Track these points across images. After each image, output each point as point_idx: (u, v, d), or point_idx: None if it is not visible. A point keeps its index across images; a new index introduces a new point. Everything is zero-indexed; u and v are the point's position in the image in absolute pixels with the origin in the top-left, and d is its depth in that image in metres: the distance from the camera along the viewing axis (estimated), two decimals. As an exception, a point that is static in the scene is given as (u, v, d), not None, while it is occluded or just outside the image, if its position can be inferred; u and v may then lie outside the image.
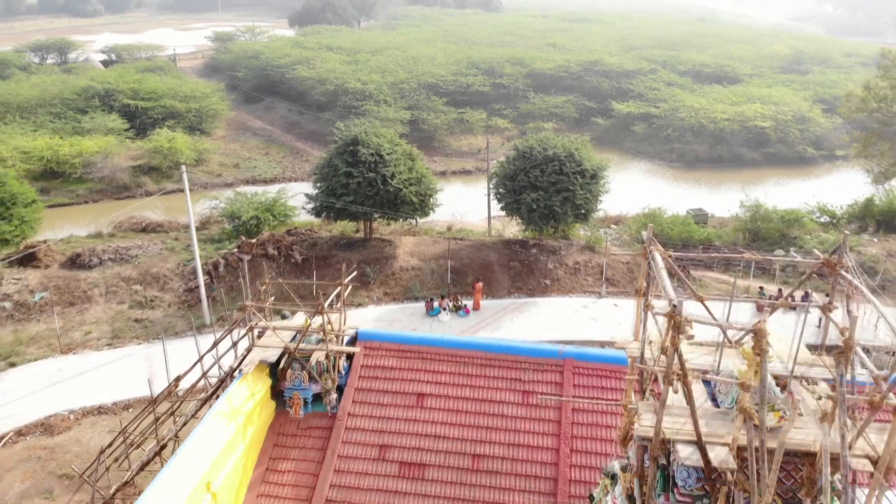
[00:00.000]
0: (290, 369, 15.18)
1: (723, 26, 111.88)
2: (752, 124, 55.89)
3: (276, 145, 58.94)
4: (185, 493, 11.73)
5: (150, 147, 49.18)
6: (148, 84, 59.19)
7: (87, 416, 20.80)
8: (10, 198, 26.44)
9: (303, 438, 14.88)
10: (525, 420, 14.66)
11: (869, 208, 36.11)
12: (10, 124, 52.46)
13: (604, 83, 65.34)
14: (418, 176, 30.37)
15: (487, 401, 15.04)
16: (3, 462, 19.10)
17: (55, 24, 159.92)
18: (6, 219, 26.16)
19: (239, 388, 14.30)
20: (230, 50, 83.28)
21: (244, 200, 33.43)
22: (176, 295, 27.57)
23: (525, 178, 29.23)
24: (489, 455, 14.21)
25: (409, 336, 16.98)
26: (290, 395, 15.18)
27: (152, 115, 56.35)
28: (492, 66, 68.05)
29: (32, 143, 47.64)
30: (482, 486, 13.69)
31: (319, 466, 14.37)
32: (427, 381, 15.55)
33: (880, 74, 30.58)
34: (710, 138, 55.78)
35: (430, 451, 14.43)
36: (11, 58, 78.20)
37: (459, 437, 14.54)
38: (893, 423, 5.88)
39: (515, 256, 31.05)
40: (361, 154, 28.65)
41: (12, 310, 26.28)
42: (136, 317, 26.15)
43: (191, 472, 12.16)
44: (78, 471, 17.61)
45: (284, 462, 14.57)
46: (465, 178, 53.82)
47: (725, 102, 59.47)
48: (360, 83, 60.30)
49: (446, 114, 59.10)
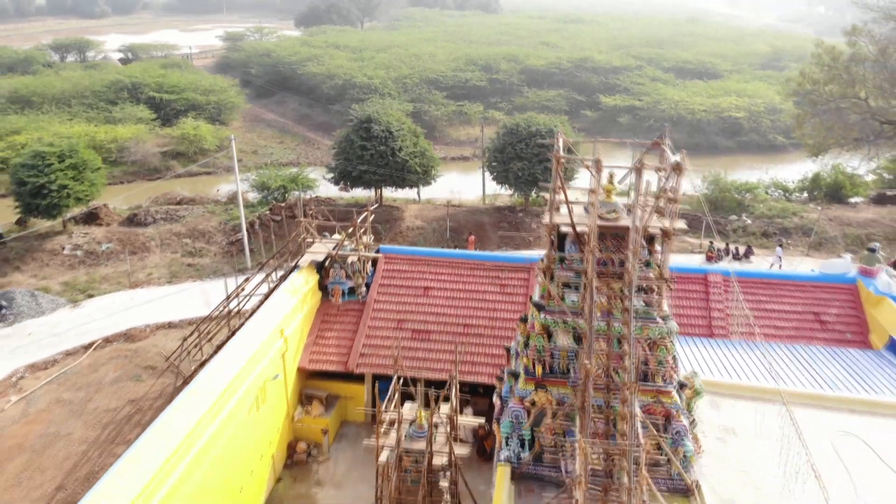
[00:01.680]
0: (332, 269, 20.97)
1: (710, 26, 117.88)
2: (727, 115, 61.71)
3: (289, 135, 64.75)
4: (266, 334, 17.45)
5: (178, 134, 54.89)
6: (171, 78, 65.04)
7: (160, 329, 26.48)
8: (82, 163, 32.16)
9: (341, 317, 20.67)
10: (501, 303, 20.46)
11: (816, 182, 41.88)
12: (47, 113, 58.20)
13: (592, 79, 71.25)
14: (421, 150, 36.18)
15: (475, 291, 20.85)
16: (98, 359, 24.77)
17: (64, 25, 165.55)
18: (79, 181, 31.88)
19: (298, 276, 20.14)
20: (242, 49, 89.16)
21: (272, 173, 39.21)
22: (220, 247, 33.35)
23: (512, 151, 35.07)
24: (475, 325, 20.00)
25: (417, 249, 22.87)
26: (332, 287, 20.97)
27: (175, 106, 62.10)
28: (488, 62, 73.97)
29: (70, 130, 53.25)
30: (470, 344, 19.42)
31: (354, 334, 20.14)
32: (431, 278, 21.39)
33: (814, 62, 36.30)
34: (688, 128, 61.55)
35: (433, 323, 20.22)
36: (36, 55, 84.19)
37: (454, 314, 20.34)
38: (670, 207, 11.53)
39: (504, 219, 36.82)
40: (374, 130, 34.48)
41: (83, 257, 32.02)
42: (189, 262, 31.90)
43: (268, 322, 17.88)
44: (164, 356, 23.34)
45: (329, 332, 20.35)
46: (462, 165, 59.49)
47: (703, 95, 65.33)
48: (366, 78, 66.18)
49: (446, 106, 64.92)
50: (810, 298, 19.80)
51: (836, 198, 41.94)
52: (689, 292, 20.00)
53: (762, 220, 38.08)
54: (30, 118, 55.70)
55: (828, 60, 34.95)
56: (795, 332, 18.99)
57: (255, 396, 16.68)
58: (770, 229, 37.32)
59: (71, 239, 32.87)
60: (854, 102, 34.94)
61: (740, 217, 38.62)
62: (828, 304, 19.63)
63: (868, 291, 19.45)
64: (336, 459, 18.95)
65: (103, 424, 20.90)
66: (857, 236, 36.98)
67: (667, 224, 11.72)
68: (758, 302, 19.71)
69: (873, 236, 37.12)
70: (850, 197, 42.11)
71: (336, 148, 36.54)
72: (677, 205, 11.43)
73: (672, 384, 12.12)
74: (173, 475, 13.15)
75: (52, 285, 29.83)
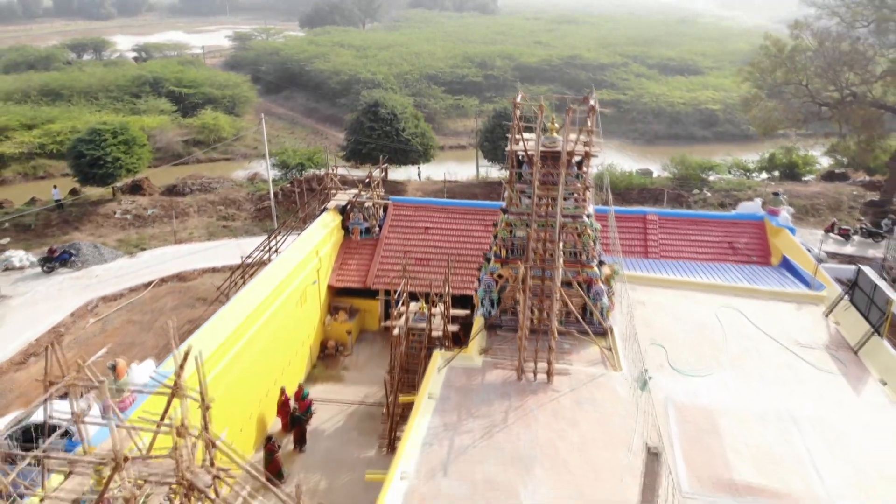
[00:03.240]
0: (352, 213, 26.87)
1: (698, 27, 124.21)
2: (704, 107, 67.77)
3: (298, 126, 70.78)
4: (306, 252, 23.35)
5: (199, 124, 60.88)
6: (188, 74, 71.12)
7: (206, 272, 32.34)
8: (132, 139, 38.12)
9: (360, 249, 26.58)
10: (483, 238, 26.30)
11: (773, 161, 47.85)
12: (76, 105, 64.21)
13: (581, 75, 77.36)
14: (422, 131, 42.15)
15: (464, 229, 26.75)
16: (157, 293, 30.63)
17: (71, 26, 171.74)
18: (129, 154, 37.81)
19: (326, 216, 26.08)
20: (251, 48, 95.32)
21: (290, 152, 45.15)
22: (249, 213, 39.28)
23: (500, 131, 41.03)
24: (463, 254, 25.85)
25: (419, 199, 28.79)
26: (353, 227, 26.89)
27: (193, 100, 68.09)
28: (484, 60, 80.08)
29: (100, 119, 59.26)
30: (461, 267, 25.24)
31: (370, 261, 26.05)
32: (430, 221, 27.30)
33: (762, 53, 42.19)
34: (667, 119, 67.67)
35: (432, 253, 26.08)
36: (56, 53, 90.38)
37: (448, 246, 26.21)
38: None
39: (495, 191, 42.72)
40: (381, 112, 40.47)
41: (132, 220, 37.94)
42: (223, 225, 37.80)
43: (307, 244, 23.79)
44: (215, 288, 29.21)
45: (350, 260, 26.27)
46: (459, 154, 65.45)
47: (683, 90, 71.40)
48: (370, 74, 72.27)
49: (444, 100, 70.96)
50: (727, 231, 25.72)
51: (791, 176, 47.92)
52: (632, 227, 25.92)
53: (720, 193, 44.00)
54: (62, 109, 61.67)
55: (774, 51, 40.91)
56: (713, 256, 24.89)
57: (299, 296, 22.58)
58: (727, 201, 43.22)
59: (120, 205, 38.80)
60: (796, 87, 40.90)
61: (702, 191, 44.54)
62: (740, 236, 25.54)
63: (772, 225, 25.36)
64: (357, 354, 24.84)
65: (169, 336, 26.77)
66: (803, 206, 42.89)
67: (588, 149, 17.63)
68: (686, 234, 25.62)
69: (818, 206, 43.11)
70: (803, 175, 48.10)
71: (347, 129, 42.45)
72: (593, 135, 17.33)
73: (593, 261, 17.98)
74: (240, 342, 18.87)
75: (108, 241, 35.73)
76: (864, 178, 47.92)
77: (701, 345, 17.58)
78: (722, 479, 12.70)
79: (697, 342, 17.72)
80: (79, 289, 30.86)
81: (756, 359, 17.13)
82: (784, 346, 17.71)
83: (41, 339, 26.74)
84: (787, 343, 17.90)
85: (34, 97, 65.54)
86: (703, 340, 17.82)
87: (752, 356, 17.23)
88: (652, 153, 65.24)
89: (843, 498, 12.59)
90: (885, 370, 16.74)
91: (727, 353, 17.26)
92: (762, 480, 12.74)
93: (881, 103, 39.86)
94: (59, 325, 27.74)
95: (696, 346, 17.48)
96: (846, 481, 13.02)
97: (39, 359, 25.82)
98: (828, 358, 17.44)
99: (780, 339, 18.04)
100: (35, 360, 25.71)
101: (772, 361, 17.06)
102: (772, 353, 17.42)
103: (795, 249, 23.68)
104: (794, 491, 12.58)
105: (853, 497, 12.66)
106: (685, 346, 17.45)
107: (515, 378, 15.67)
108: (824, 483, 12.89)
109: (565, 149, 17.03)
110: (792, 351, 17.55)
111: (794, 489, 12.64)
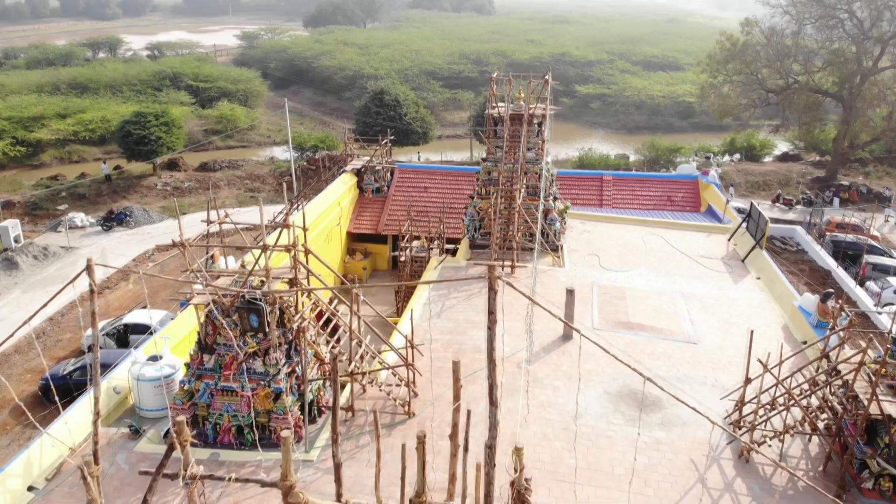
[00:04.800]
0: (365, 175, 33.55)
1: (686, 26, 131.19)
2: (681, 100, 74.52)
3: (307, 118, 77.47)
4: (330, 201, 30.06)
5: (217, 114, 67.58)
6: (204, 69, 77.88)
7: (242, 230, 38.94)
8: (171, 121, 44.84)
9: (371, 205, 33.28)
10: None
11: (733, 143, 54.63)
12: (103, 97, 70.90)
13: (570, 70, 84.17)
14: (422, 116, 48.85)
15: (457, 188, 33.38)
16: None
17: (78, 26, 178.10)
18: (168, 134, 44.52)
19: (345, 176, 32.82)
20: (259, 46, 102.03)
21: (305, 135, 51.81)
22: (272, 186, 45.97)
23: (490, 115, 47.69)
24: (457, 206, 32.45)
25: (420, 164, 35.49)
26: (365, 187, 33.57)
27: (210, 93, 74.81)
28: (479, 57, 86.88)
29: (127, 110, 65.92)
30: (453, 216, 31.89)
31: (380, 214, 32.77)
32: (429, 182, 33.99)
33: (718, 47, 48.89)
34: (648, 111, 74.42)
35: (430, 207, 32.68)
36: (76, 50, 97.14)
37: (443, 201, 32.84)
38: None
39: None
40: (386, 99, 47.17)
41: (171, 191, 44.63)
42: (251, 195, 44.48)
43: (332, 195, 30.51)
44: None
45: (364, 214, 32.97)
46: (455, 143, 72.18)
47: (663, 84, 78.18)
48: (373, 69, 79.03)
49: (442, 94, 77.70)
50: (668, 188, 32.40)
51: (750, 157, 54.73)
52: (591, 185, 32.59)
53: (684, 171, 50.69)
54: (91, 100, 68.34)
55: (728, 45, 47.65)
56: (655, 207, 31.55)
57: (327, 234, 29.22)
58: (689, 177, 49.90)
59: (160, 179, 45.51)
60: (747, 76, 47.66)
61: (668, 170, 51.24)
62: (678, 191, 32.22)
63: (703, 182, 32.04)
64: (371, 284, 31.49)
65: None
66: (757, 182, 49.65)
67: (545, 112, 24.32)
68: (634, 190, 32.30)
69: (769, 182, 49.86)
70: (760, 156, 54.88)
71: (356, 114, 49.15)
72: (548, 101, 24.03)
73: (549, 195, 24.62)
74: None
75: (153, 208, 42.38)
76: (814, 159, 54.70)
77: (626, 255, 24.26)
78: (622, 321, 19.35)
79: (624, 253, 24.40)
80: (135, 242, 37.53)
81: (666, 263, 23.79)
82: (690, 258, 24.37)
83: (110, 278, 33.39)
84: (693, 256, 24.57)
85: (64, 90, 72.21)
86: (628, 252, 24.50)
87: (663, 262, 23.89)
88: (633, 141, 71.84)
89: (705, 335, 19.22)
90: (760, 270, 23.41)
91: (645, 260, 23.93)
92: (650, 323, 19.39)
93: (820, 89, 46.62)
94: (125, 266, 34.39)
95: (623, 256, 24.16)
96: (709, 327, 19.66)
97: (112, 290, 32.51)
98: (721, 265, 24.11)
99: (688, 254, 24.70)
100: (109, 291, 32.36)
101: (678, 265, 23.73)
102: (679, 261, 24.09)
103: (718, 199, 30.38)
104: (671, 329, 19.23)
105: (712, 335, 19.28)
106: (614, 255, 24.13)
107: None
108: (694, 327, 19.54)
109: (527, 112, 23.73)
110: (695, 260, 24.21)
111: (671, 328, 19.28)
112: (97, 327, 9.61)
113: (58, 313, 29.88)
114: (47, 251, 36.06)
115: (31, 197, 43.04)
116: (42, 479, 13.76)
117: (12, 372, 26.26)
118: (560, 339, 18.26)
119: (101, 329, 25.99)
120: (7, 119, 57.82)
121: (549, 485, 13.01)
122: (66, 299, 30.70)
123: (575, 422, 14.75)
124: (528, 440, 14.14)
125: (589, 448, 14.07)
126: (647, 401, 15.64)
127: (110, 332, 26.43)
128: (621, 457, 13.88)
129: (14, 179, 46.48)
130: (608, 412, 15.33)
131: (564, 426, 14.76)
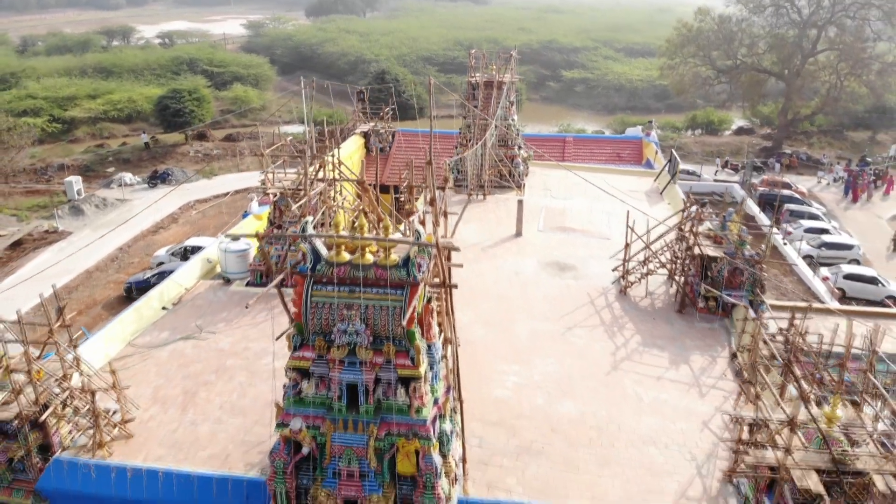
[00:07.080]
0: (371, 137, 41.77)
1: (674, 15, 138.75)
2: (658, 83, 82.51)
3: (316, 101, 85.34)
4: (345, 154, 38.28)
5: (231, 96, 75.59)
6: (218, 55, 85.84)
7: (264, 188, 47.07)
8: (202, 96, 52.89)
9: (378, 161, 41.39)
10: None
11: (695, 119, 62.79)
12: (126, 80, 78.89)
13: (556, 56, 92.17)
14: (418, 94, 56.85)
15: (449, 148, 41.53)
16: (236, 198, 45.29)
17: (83, 16, 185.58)
18: (199, 108, 52.53)
19: (355, 137, 40.98)
20: (265, 34, 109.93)
21: (315, 113, 59.82)
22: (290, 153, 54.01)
23: (478, 92, 55.75)
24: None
25: (418, 129, 43.66)
26: (372, 146, 41.74)
27: (223, 77, 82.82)
28: (473, 43, 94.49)
29: (151, 92, 73.95)
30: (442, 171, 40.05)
31: (384, 168, 40.96)
32: (425, 143, 42.08)
33: (676, 33, 56.93)
34: (627, 94, 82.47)
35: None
36: (93, 38, 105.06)
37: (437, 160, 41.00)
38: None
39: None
40: (387, 78, 55.16)
41: (202, 157, 52.73)
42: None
43: (348, 150, 38.70)
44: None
45: (370, 168, 41.10)
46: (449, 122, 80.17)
47: (642, 69, 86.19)
48: (373, 55, 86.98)
49: (437, 77, 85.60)
50: (617, 146, 40.52)
51: (710, 130, 62.91)
52: (555, 144, 40.70)
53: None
54: (117, 83, 76.36)
55: (684, 31, 55.74)
56: (607, 161, 39.64)
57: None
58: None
59: (192, 147, 53.60)
60: (701, 58, 55.77)
61: (634, 140, 59.35)
62: (624, 150, 40.32)
63: (645, 142, 40.14)
64: (375, 223, 39.64)
65: (250, 218, 41.46)
66: (712, 151, 57.81)
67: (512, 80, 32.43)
68: (590, 149, 40.43)
69: (722, 151, 58.03)
70: (719, 130, 63.06)
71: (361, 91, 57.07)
72: (514, 72, 32.13)
73: (516, 145, 32.70)
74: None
75: (188, 170, 50.48)
76: (766, 132, 62.89)
77: (571, 189, 32.39)
78: (560, 225, 27.51)
79: (568, 188, 32.54)
80: (177, 196, 45.64)
81: (601, 195, 31.90)
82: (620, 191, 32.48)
83: (163, 221, 41.59)
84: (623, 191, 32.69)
85: (90, 73, 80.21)
86: (573, 187, 32.64)
87: (599, 196, 31.99)
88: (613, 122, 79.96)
89: (620, 234, 27.34)
90: (672, 198, 31.56)
91: (584, 193, 32.08)
92: (579, 227, 27.54)
93: (763, 69, 54.75)
94: (172, 213, 42.57)
95: (568, 189, 32.32)
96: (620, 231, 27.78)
97: (166, 229, 40.70)
98: (644, 197, 32.25)
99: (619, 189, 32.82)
100: (163, 231, 40.56)
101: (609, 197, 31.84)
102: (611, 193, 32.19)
103: (654, 154, 38.53)
104: (593, 231, 27.37)
105: (621, 235, 27.39)
106: (562, 189, 32.28)
107: (467, 197, 30.54)
108: (610, 230, 27.68)
109: (496, 79, 31.88)
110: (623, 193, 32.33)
111: (595, 231, 27.43)
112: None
113: (126, 244, 38.10)
114: (106, 202, 44.21)
115: (81, 161, 51.16)
116: (170, 304, 21.90)
117: (97, 283, 34.47)
118: (513, 235, 26.45)
119: (169, 250, 34.35)
120: (44, 98, 65.93)
121: (493, 302, 21.20)
122: (131, 234, 39.00)
123: (516, 276, 22.97)
124: (486, 285, 22.33)
125: (524, 287, 22.24)
126: (566, 265, 23.84)
127: (175, 251, 34.60)
128: (545, 292, 22.05)
129: (66, 146, 54.57)
130: (538, 271, 23.53)
131: (509, 278, 22.94)
